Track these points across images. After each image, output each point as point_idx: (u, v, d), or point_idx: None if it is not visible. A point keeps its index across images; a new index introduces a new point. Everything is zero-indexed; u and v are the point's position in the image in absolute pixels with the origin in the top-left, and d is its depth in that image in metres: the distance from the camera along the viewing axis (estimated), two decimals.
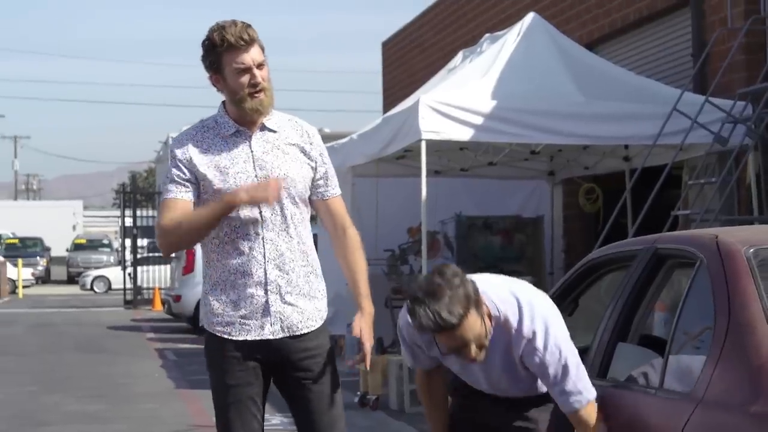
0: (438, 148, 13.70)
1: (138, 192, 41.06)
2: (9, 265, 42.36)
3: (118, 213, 46.49)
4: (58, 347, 20.79)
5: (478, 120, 12.00)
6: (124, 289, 33.44)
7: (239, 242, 4.95)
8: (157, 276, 31.93)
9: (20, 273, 42.47)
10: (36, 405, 13.36)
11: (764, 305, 4.29)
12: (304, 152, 5.09)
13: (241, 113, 5.00)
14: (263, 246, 4.96)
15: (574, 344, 4.85)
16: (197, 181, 4.97)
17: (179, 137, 5.09)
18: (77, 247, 55.87)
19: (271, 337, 4.96)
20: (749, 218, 12.59)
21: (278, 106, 5.14)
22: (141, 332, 24.41)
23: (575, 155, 15.22)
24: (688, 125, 12.08)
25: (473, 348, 4.65)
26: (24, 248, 53.45)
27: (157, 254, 36.14)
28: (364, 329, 5.01)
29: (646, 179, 13.14)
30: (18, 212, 67.49)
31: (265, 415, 5.07)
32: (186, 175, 4.97)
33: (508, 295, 4.79)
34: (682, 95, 12.30)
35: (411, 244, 15.63)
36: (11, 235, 56.76)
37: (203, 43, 5.01)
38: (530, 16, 13.53)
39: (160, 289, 30.64)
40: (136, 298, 32.31)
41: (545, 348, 4.71)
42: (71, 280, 51.46)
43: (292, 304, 4.99)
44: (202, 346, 5.22)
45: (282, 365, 5.02)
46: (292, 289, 5.00)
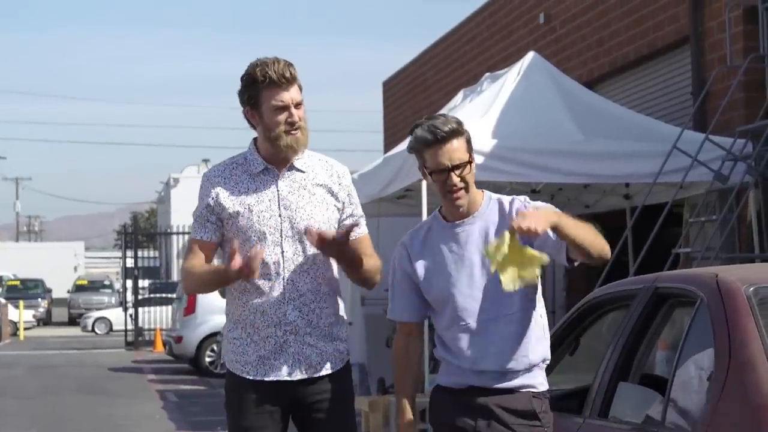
0: None
1: (139, 233, 41.08)
2: (10, 307, 42.30)
3: (119, 254, 46.53)
4: (58, 389, 20.73)
5: (479, 159, 12.00)
6: (126, 331, 33.41)
7: (260, 281, 4.93)
8: (158, 317, 31.90)
9: (21, 315, 42.41)
10: None
11: (765, 344, 4.28)
12: (331, 193, 5.07)
13: (275, 150, 4.98)
14: (283, 286, 4.94)
15: (575, 383, 4.83)
16: (221, 221, 4.99)
17: (208, 173, 5.10)
18: (78, 288, 55.86)
19: (288, 379, 4.94)
20: (750, 256, 12.58)
21: None
22: (142, 374, 24.35)
23: (576, 194, 15.22)
24: (689, 163, 12.09)
25: (455, 176, 4.82)
26: (25, 290, 53.39)
27: (158, 295, 36.14)
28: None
29: (647, 217, 13.14)
30: (19, 254, 67.51)
31: None
32: (210, 215, 5.00)
33: None
34: (682, 133, 12.31)
35: None
36: (12, 277, 56.71)
37: (243, 77, 4.99)
38: (530, 55, 13.56)
39: (161, 330, 30.59)
40: (138, 339, 32.26)
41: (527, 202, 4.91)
42: (72, 321, 51.36)
43: (311, 345, 4.97)
44: (203, 387, 5.22)
45: (300, 406, 4.99)
46: (311, 330, 4.97)
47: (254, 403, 4.95)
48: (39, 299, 53.33)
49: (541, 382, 4.87)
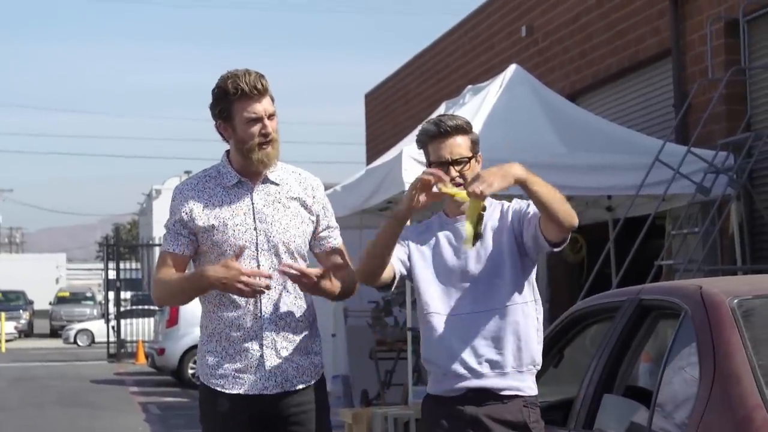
0: None
1: (121, 244, 40.98)
2: None
3: (101, 265, 46.41)
4: (40, 401, 20.64)
5: None
6: (108, 342, 33.27)
7: (236, 296, 4.91)
8: (140, 329, 31.80)
9: (3, 327, 42.21)
10: None
11: (749, 356, 4.29)
12: (305, 206, 5.06)
13: (247, 163, 4.96)
14: (260, 301, 4.93)
15: (560, 396, 4.83)
16: (194, 234, 4.96)
17: (180, 187, 5.06)
18: (60, 300, 55.67)
19: (265, 393, 4.92)
20: (732, 268, 12.62)
21: None
22: (124, 386, 24.26)
23: None
24: (671, 176, 12.12)
25: (454, 171, 4.93)
26: (6, 302, 53.18)
27: (140, 307, 36.04)
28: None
29: (630, 229, 13.17)
30: (1, 265, 67.26)
31: None
32: (182, 229, 4.97)
33: None
34: (664, 146, 12.35)
35: (395, 296, 15.59)
36: None
37: (214, 90, 4.96)
38: (512, 67, 13.59)
39: (143, 342, 30.50)
40: (120, 351, 32.15)
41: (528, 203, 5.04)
42: (54, 333, 51.17)
43: (287, 359, 4.95)
44: (186, 400, 5.20)
45: (276, 420, 4.97)
46: (288, 344, 4.96)
47: (231, 417, 4.93)
48: (20, 311, 53.14)
49: (530, 386, 4.88)
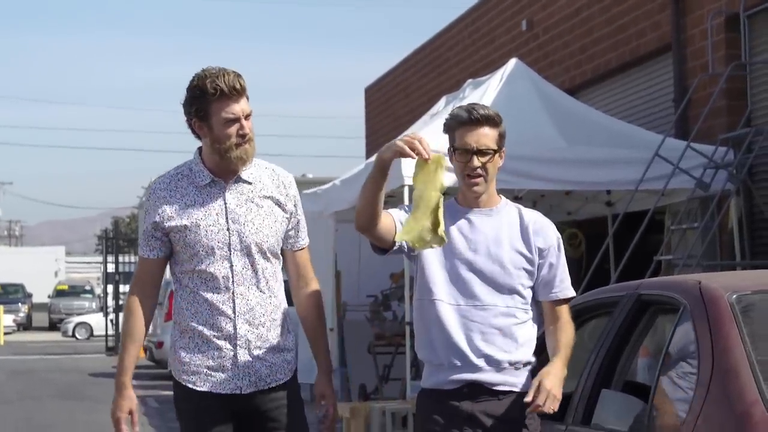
0: None
1: (120, 237, 41.01)
2: None
3: (100, 259, 46.41)
4: (39, 394, 20.64)
5: None
6: (106, 336, 33.30)
7: (209, 295, 4.90)
8: None
9: (1, 319, 42.22)
10: None
11: (747, 351, 4.28)
12: (279, 204, 5.02)
13: (223, 162, 4.91)
14: (233, 300, 4.90)
15: None
16: (167, 235, 4.93)
17: (153, 187, 5.02)
18: (59, 293, 55.67)
19: (238, 392, 4.91)
20: (732, 263, 12.61)
21: (262, 151, 5.08)
22: None
23: (558, 201, 15.24)
24: (670, 171, 12.11)
25: (477, 161, 4.89)
26: (5, 294, 53.18)
27: None
28: (326, 392, 5.05)
29: (629, 224, 13.16)
30: (0, 258, 67.26)
31: None
32: (155, 231, 4.95)
33: None
34: (664, 141, 12.34)
35: (394, 290, 15.60)
36: None
37: (190, 89, 4.90)
38: (512, 62, 13.58)
39: None
40: (118, 344, 32.11)
41: (557, 236, 5.00)
42: (53, 326, 51.19)
43: (261, 359, 4.93)
44: None
45: (251, 417, 4.96)
46: (261, 343, 4.94)
47: (207, 415, 4.92)
48: (19, 304, 53.14)
49: (525, 382, 4.86)
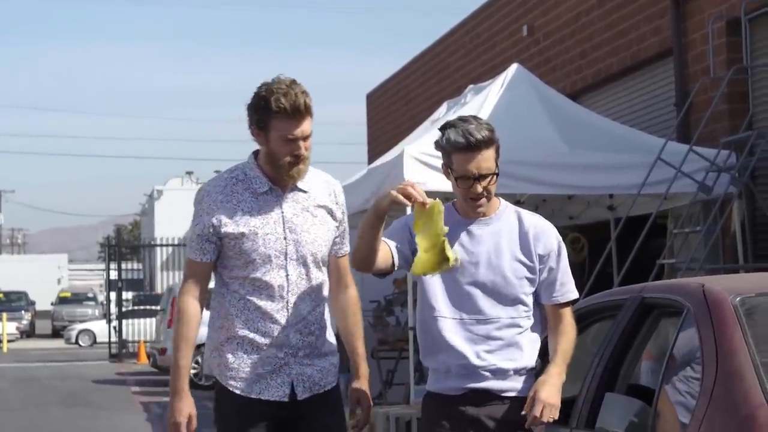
0: None
1: (123, 245, 40.89)
2: None
3: (103, 266, 46.42)
4: (42, 402, 20.63)
5: None
6: (109, 343, 33.28)
7: (262, 303, 4.87)
8: (142, 329, 31.81)
9: (5, 327, 42.23)
10: None
11: (751, 353, 4.28)
12: (330, 213, 5.03)
13: (277, 175, 4.89)
14: (287, 310, 4.89)
15: (562, 394, 4.82)
16: (221, 239, 4.88)
17: (208, 189, 4.95)
18: (62, 300, 55.68)
19: (286, 399, 4.89)
20: (735, 266, 12.60)
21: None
22: (126, 386, 24.26)
23: (560, 205, 15.23)
24: (673, 174, 12.11)
25: (480, 186, 4.82)
26: (8, 302, 53.19)
27: (142, 307, 36.03)
28: (362, 396, 5.12)
29: (631, 228, 13.16)
30: (3, 266, 67.30)
31: None
32: (212, 235, 4.88)
33: None
34: (665, 144, 12.33)
35: (397, 296, 15.60)
36: None
37: (256, 97, 4.84)
38: (514, 67, 13.58)
39: (145, 342, 30.50)
40: (121, 351, 32.15)
41: (558, 240, 4.98)
42: (56, 333, 51.16)
43: (311, 365, 4.94)
44: None
45: (296, 422, 4.95)
46: (312, 350, 4.95)
47: (247, 419, 4.90)
48: (22, 311, 53.16)
49: (529, 387, 4.87)
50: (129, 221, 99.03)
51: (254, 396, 4.89)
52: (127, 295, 38.25)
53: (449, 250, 4.67)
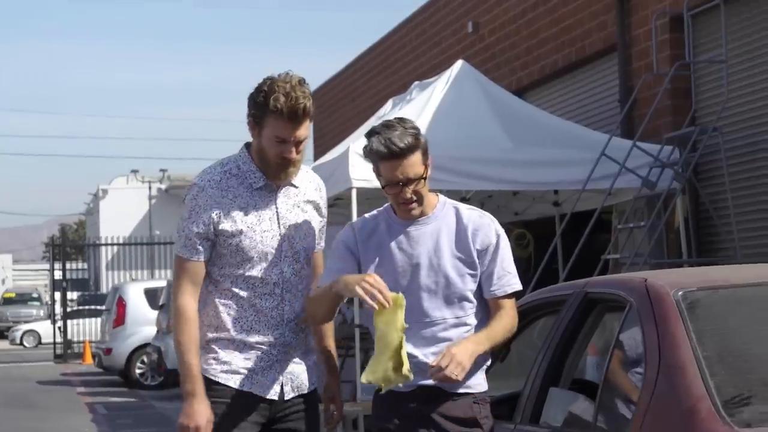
0: (369, 195, 13.67)
1: (68, 244, 40.68)
2: None
3: (48, 266, 46.12)
4: None
5: None
6: (54, 343, 33.06)
7: (257, 301, 4.81)
8: (87, 329, 31.62)
9: None
10: None
11: (694, 347, 4.30)
12: (317, 209, 5.00)
13: (267, 170, 4.82)
14: (283, 308, 4.84)
15: (506, 390, 4.83)
16: (215, 237, 4.78)
17: (202, 184, 4.82)
18: (6, 301, 55.31)
19: (275, 398, 4.85)
20: (678, 261, 12.69)
21: (204, 156, 5.01)
22: (71, 386, 24.09)
23: (505, 201, 15.27)
24: (617, 170, 12.17)
25: (409, 191, 4.77)
26: None
27: (87, 307, 35.80)
28: (336, 394, 5.05)
29: (576, 224, 13.21)
30: None
31: None
32: (208, 232, 4.78)
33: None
34: (610, 140, 12.39)
35: None
36: None
37: (257, 90, 4.76)
38: (459, 63, 13.60)
39: (90, 342, 30.32)
40: (66, 351, 31.95)
41: (497, 233, 4.93)
42: (0, 334, 50.80)
43: (299, 363, 4.91)
44: (133, 399, 5.12)
45: (274, 421, 4.90)
46: (301, 348, 4.92)
47: (238, 412, 4.82)
48: None
49: (479, 383, 4.87)
50: (74, 221, 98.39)
51: (244, 389, 4.81)
52: (72, 295, 38.03)
53: (405, 356, 4.53)
